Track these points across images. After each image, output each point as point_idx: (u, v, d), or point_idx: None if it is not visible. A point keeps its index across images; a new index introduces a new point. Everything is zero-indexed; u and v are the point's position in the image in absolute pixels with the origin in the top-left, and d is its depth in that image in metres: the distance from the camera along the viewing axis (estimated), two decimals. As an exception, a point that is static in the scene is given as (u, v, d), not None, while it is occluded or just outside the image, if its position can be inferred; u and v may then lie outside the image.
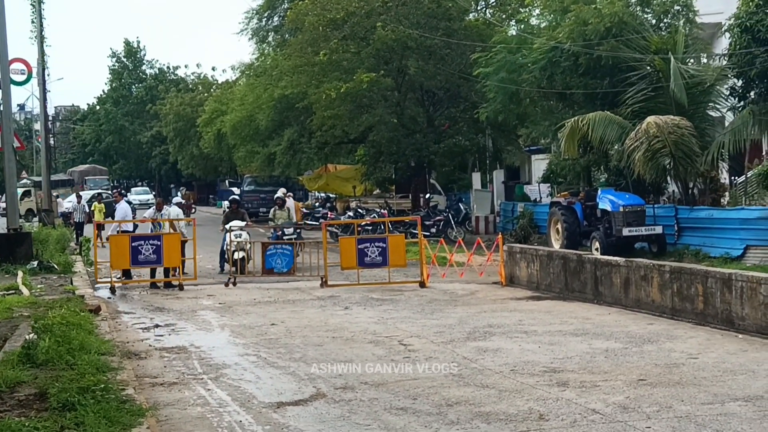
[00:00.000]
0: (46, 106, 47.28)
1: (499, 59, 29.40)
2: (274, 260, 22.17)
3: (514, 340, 13.16)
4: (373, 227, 30.80)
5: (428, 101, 38.96)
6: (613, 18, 25.93)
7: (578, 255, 18.92)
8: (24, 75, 42.52)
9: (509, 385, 10.19)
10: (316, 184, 49.76)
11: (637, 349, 12.31)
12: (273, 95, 40.18)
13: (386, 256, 20.85)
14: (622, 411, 8.93)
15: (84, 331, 12.16)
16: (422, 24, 35.27)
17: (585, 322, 14.83)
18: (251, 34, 50.65)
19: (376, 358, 11.97)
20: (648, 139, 23.49)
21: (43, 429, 7.43)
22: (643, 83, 25.64)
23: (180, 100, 72.32)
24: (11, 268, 21.64)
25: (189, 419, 9.02)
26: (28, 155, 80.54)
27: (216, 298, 19.22)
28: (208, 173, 73.16)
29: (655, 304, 15.76)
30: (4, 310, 14.78)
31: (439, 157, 37.78)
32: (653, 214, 24.40)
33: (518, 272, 20.69)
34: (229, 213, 25.29)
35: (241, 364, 11.97)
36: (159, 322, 16.02)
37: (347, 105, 35.79)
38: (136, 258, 20.74)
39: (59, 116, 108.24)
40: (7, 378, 9.32)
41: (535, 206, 33.16)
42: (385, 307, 17.36)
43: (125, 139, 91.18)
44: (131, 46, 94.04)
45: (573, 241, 25.09)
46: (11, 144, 24.72)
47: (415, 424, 8.68)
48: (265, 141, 45.82)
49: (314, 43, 36.73)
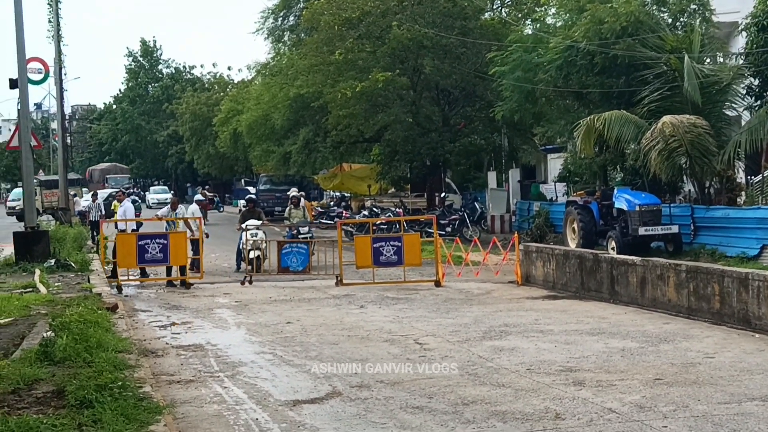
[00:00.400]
0: (63, 105, 47.50)
1: (514, 58, 29.38)
2: (289, 259, 22.22)
3: (530, 340, 13.14)
4: (388, 226, 30.82)
5: (444, 100, 38.96)
6: (629, 17, 25.88)
7: (594, 254, 18.89)
8: (41, 74, 42.69)
9: (525, 384, 10.18)
10: (331, 183, 49.84)
11: (654, 348, 12.28)
12: (288, 94, 40.26)
13: (401, 255, 20.85)
14: (639, 410, 8.92)
15: (101, 329, 12.20)
16: (438, 23, 35.28)
17: (601, 322, 14.80)
18: (267, 34, 50.79)
19: (391, 357, 11.98)
20: (664, 138, 23.44)
21: (61, 426, 7.46)
22: (659, 82, 25.59)
23: (196, 99, 72.56)
24: (29, 266, 21.74)
25: (205, 417, 9.05)
26: (45, 154, 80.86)
27: (232, 297, 19.28)
28: (224, 172, 73.41)
29: (671, 304, 15.71)
30: (22, 308, 14.84)
31: (455, 156, 37.77)
32: (669, 214, 24.35)
33: (534, 271, 20.66)
34: (245, 212, 25.40)
35: (258, 362, 12.00)
36: (175, 319, 16.07)
37: (362, 104, 35.84)
38: (143, 257, 20.79)
39: (76, 115, 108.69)
40: (25, 375, 9.36)
41: (550, 205, 33.11)
42: (400, 305, 17.37)
43: (142, 138, 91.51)
44: (148, 45, 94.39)
45: (589, 240, 25.06)
46: (29, 143, 24.80)
47: (431, 423, 8.68)
48: (281, 140, 45.92)
49: (330, 43, 36.80)
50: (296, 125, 43.10)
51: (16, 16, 24.24)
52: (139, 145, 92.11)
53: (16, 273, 21.18)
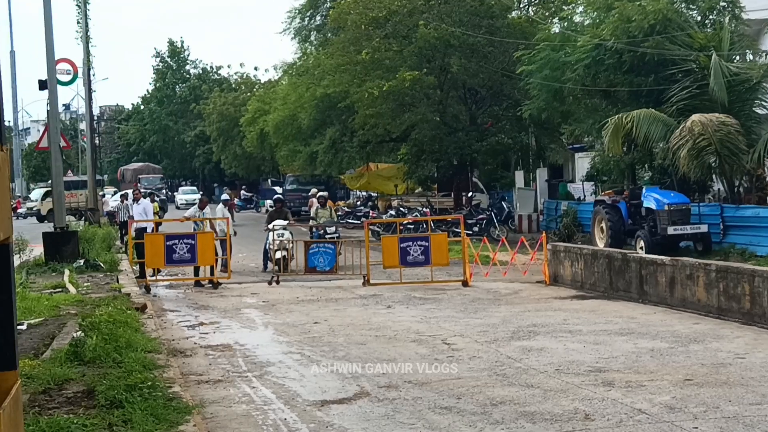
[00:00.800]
0: (92, 106, 47.77)
1: (542, 57, 29.30)
2: (316, 259, 22.24)
3: (559, 340, 13.09)
4: (415, 226, 30.80)
5: (471, 99, 38.89)
6: (657, 15, 25.75)
7: (623, 254, 18.79)
8: (70, 75, 43.08)
9: (554, 385, 10.14)
10: (358, 183, 49.86)
11: (683, 348, 12.19)
12: (315, 94, 40.31)
13: (429, 255, 20.82)
14: (669, 411, 8.86)
15: (130, 329, 12.28)
16: (465, 22, 35.21)
17: (630, 322, 14.72)
18: (294, 34, 50.85)
19: (419, 357, 11.97)
20: (693, 137, 23.29)
21: (92, 426, 7.50)
22: (688, 80, 25.45)
23: (223, 99, 72.82)
24: (58, 266, 21.92)
25: (234, 417, 9.07)
26: (73, 154, 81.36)
27: (259, 297, 19.33)
28: (250, 172, 73.62)
29: (700, 304, 15.60)
30: (52, 308, 14.96)
31: (482, 155, 37.70)
32: (698, 213, 24.19)
33: (562, 271, 20.58)
34: (272, 212, 25.47)
35: (285, 362, 12.02)
36: (203, 319, 16.13)
37: (389, 103, 35.83)
38: (171, 257, 20.87)
39: (104, 116, 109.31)
40: (55, 375, 9.43)
41: (578, 205, 32.98)
42: (428, 306, 17.34)
43: (169, 138, 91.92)
44: (175, 46, 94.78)
45: (617, 239, 24.95)
46: (58, 143, 25.00)
47: (460, 424, 8.66)
48: (308, 140, 46.00)
49: (356, 42, 36.83)
50: (323, 125, 43.14)
51: (46, 19, 24.44)
52: (167, 145, 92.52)
53: (45, 273, 21.36)
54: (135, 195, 27.70)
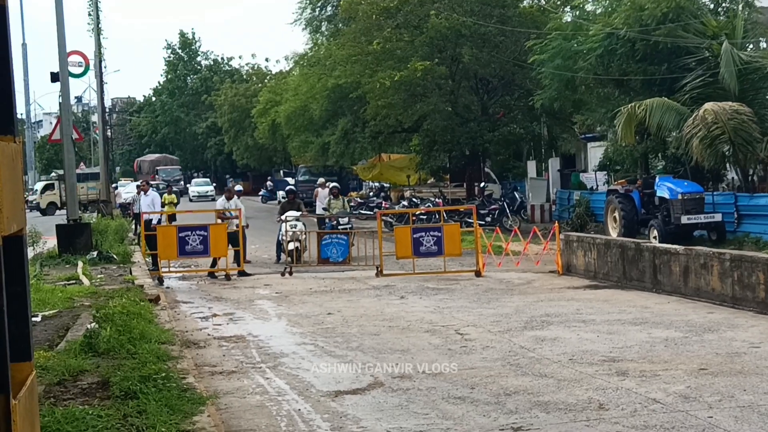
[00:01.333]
0: (103, 98, 47.90)
1: (554, 46, 29.22)
2: (329, 250, 22.25)
3: (572, 330, 13.07)
4: (427, 216, 30.78)
5: (482, 89, 38.82)
6: (670, 3, 25.63)
7: (636, 243, 18.73)
8: (81, 67, 43.12)
9: (568, 375, 10.12)
10: (370, 174, 49.86)
11: (698, 338, 12.15)
12: (327, 85, 40.30)
13: (441, 246, 20.80)
14: (684, 400, 8.83)
15: (144, 321, 12.31)
16: (476, 11, 35.14)
17: (644, 311, 14.68)
18: (305, 24, 50.82)
19: (432, 348, 11.97)
20: (706, 125, 23.19)
21: (107, 417, 7.52)
22: (701, 69, 25.33)
23: (234, 90, 72.89)
24: (71, 258, 21.99)
25: (248, 407, 9.09)
26: (85, 147, 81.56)
27: (273, 288, 19.35)
28: (262, 163, 73.72)
29: (715, 293, 15.54)
30: (66, 299, 15.01)
31: (494, 145, 37.63)
32: (712, 202, 24.10)
33: (575, 261, 20.54)
34: (285, 203, 25.49)
35: (299, 353, 12.04)
36: (217, 311, 16.17)
37: (401, 94, 35.80)
38: (184, 248, 20.90)
39: (116, 108, 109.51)
40: (70, 366, 9.46)
41: (591, 194, 32.90)
42: (440, 296, 17.34)
43: (181, 130, 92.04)
44: (186, 37, 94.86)
45: (630, 229, 24.87)
46: (70, 136, 25.06)
47: (474, 413, 8.66)
48: (319, 131, 46.02)
49: (368, 32, 36.80)
50: (334, 116, 43.14)
51: (57, 12, 24.49)
52: (179, 137, 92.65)
53: (59, 265, 21.43)
54: (142, 187, 27.66)
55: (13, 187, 3.79)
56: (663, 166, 28.73)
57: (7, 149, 3.38)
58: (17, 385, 3.29)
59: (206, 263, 22.00)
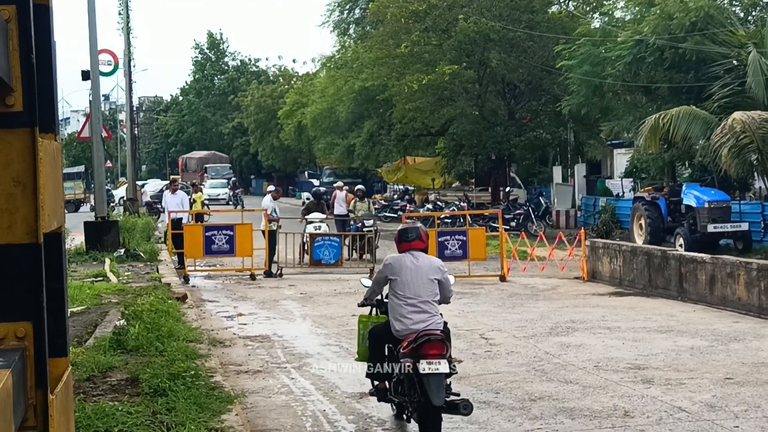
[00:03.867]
0: (132, 97, 48.17)
1: (582, 52, 29.16)
2: (321, 252, 22.14)
3: (598, 336, 13.05)
4: (452, 220, 30.76)
5: (509, 94, 38.78)
6: (699, 12, 25.51)
7: (662, 251, 18.67)
8: (110, 66, 43.40)
9: (593, 381, 10.12)
10: (395, 177, 49.89)
11: (723, 347, 12.11)
12: (353, 87, 40.38)
13: (466, 250, 20.79)
14: (709, 409, 8.81)
15: (172, 319, 12.40)
16: (505, 16, 35.11)
17: (669, 319, 14.64)
18: (333, 27, 50.96)
19: (457, 352, 11.91)
20: (734, 135, 23.07)
21: (136, 414, 7.60)
22: (730, 78, 25.19)
23: (261, 91, 73.07)
24: (99, 255, 22.15)
25: (274, 407, 9.14)
26: (112, 145, 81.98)
27: (297, 288, 19.40)
28: (287, 165, 73.82)
29: (741, 302, 15.48)
30: (94, 296, 15.15)
31: (520, 150, 37.59)
32: (739, 211, 23.98)
33: (600, 267, 20.49)
34: (310, 204, 25.56)
35: (324, 353, 12.09)
36: (242, 310, 16.24)
37: (428, 97, 35.82)
38: (210, 248, 21.00)
39: (143, 107, 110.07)
40: (99, 363, 9.55)
41: (617, 201, 32.80)
42: (465, 300, 17.33)
43: (207, 130, 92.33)
44: (214, 38, 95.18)
45: (656, 236, 24.79)
46: (99, 134, 25.25)
47: (498, 418, 8.67)
48: (345, 133, 46.10)
49: (396, 36, 36.85)
50: (361, 118, 43.22)
51: (89, 12, 24.70)
52: (205, 136, 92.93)
53: (86, 262, 21.60)
54: (173, 186, 27.77)
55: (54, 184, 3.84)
56: (690, 174, 28.60)
57: (49, 147, 3.43)
58: (54, 381, 3.35)
59: (231, 263, 22.09)
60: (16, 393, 2.61)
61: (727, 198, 24.29)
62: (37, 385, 2.99)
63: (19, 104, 2.87)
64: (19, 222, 2.92)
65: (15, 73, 2.85)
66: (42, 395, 3.19)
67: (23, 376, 2.86)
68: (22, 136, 2.89)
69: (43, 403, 3.21)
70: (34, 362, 2.96)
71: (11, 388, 2.52)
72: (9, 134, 2.86)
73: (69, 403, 3.94)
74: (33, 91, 2.92)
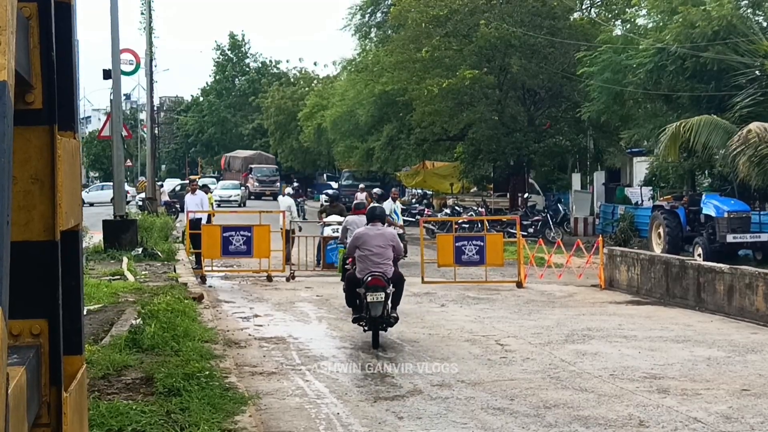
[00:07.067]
0: (153, 97, 48.37)
1: (603, 59, 29.07)
2: (334, 255, 22.18)
3: (614, 345, 12.99)
4: (470, 225, 30.72)
5: (529, 100, 38.73)
6: (722, 21, 25.38)
7: (681, 260, 18.58)
8: (132, 65, 43.62)
9: (608, 390, 10.07)
10: (414, 181, 49.90)
11: (741, 358, 12.03)
12: (374, 91, 40.42)
13: (483, 255, 20.72)
14: (725, 421, 8.75)
15: (188, 319, 12.42)
16: (526, 22, 35.08)
17: (686, 329, 14.56)
18: (354, 30, 51.01)
19: (472, 357, 11.95)
20: (753, 144, 22.95)
21: (150, 413, 7.61)
22: (752, 87, 25.06)
23: (281, 93, 73.22)
24: (117, 253, 22.24)
25: (287, 409, 9.14)
26: (132, 144, 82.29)
27: (313, 291, 19.39)
28: (306, 167, 73.94)
29: (759, 313, 15.37)
30: (110, 294, 15.19)
31: (539, 156, 37.53)
32: (759, 221, 23.84)
33: (618, 276, 20.41)
34: (328, 207, 25.60)
35: (338, 356, 12.09)
36: (258, 312, 16.25)
37: (448, 102, 35.84)
38: (227, 248, 21.03)
39: (163, 106, 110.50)
40: (114, 362, 9.57)
41: (635, 209, 32.67)
42: (481, 305, 17.31)
43: (227, 130, 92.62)
44: (236, 39, 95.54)
45: (675, 246, 24.67)
46: (120, 133, 25.35)
47: (513, 425, 8.64)
48: (365, 136, 46.16)
49: (416, 40, 36.87)
50: (380, 122, 43.27)
51: (112, 12, 24.83)
52: (224, 137, 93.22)
53: (104, 260, 21.68)
54: (192, 187, 27.85)
55: (72, 182, 3.85)
56: (709, 184, 28.48)
57: (68, 145, 3.44)
58: (68, 378, 3.35)
59: (248, 263, 22.13)
60: (29, 390, 2.61)
61: (747, 208, 24.16)
62: (52, 383, 2.99)
63: (38, 101, 2.88)
64: (36, 219, 2.92)
65: (35, 70, 2.86)
66: (56, 393, 3.19)
67: (37, 373, 2.86)
68: (41, 134, 2.89)
69: (56, 401, 3.21)
70: (49, 359, 2.96)
71: (25, 385, 2.52)
72: (28, 131, 2.86)
73: (83, 401, 3.95)
74: (53, 88, 2.93)
